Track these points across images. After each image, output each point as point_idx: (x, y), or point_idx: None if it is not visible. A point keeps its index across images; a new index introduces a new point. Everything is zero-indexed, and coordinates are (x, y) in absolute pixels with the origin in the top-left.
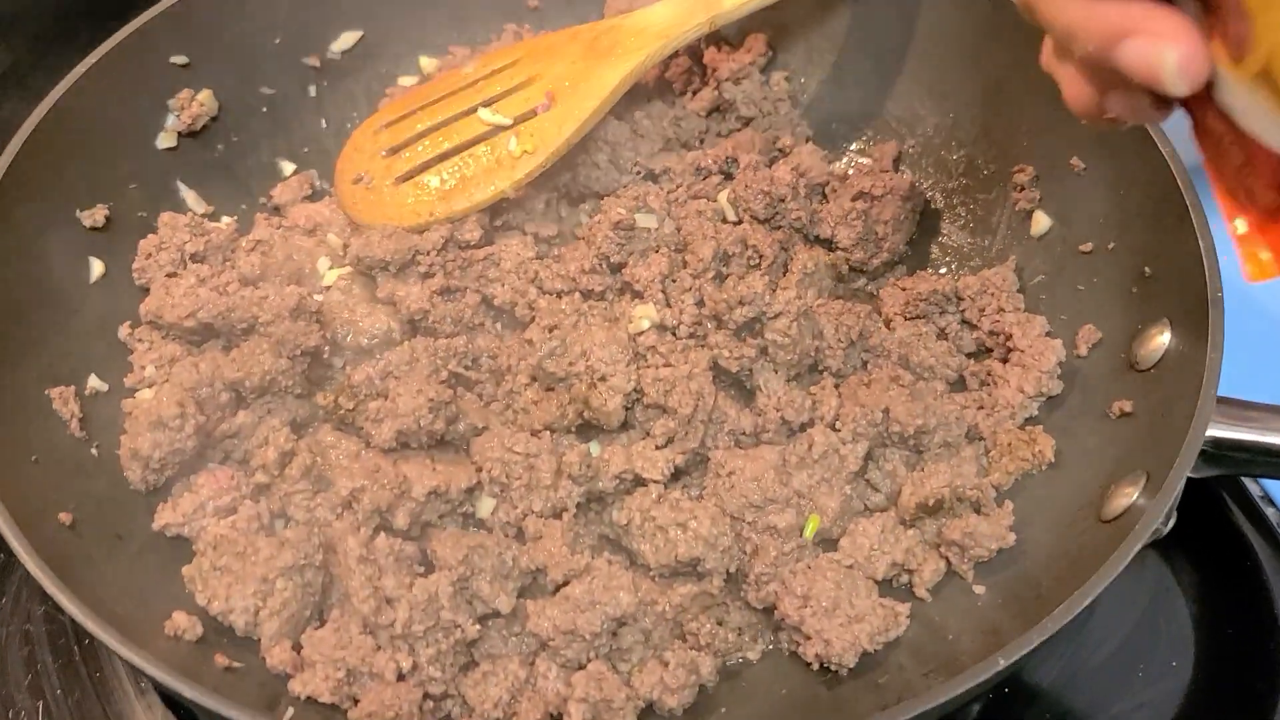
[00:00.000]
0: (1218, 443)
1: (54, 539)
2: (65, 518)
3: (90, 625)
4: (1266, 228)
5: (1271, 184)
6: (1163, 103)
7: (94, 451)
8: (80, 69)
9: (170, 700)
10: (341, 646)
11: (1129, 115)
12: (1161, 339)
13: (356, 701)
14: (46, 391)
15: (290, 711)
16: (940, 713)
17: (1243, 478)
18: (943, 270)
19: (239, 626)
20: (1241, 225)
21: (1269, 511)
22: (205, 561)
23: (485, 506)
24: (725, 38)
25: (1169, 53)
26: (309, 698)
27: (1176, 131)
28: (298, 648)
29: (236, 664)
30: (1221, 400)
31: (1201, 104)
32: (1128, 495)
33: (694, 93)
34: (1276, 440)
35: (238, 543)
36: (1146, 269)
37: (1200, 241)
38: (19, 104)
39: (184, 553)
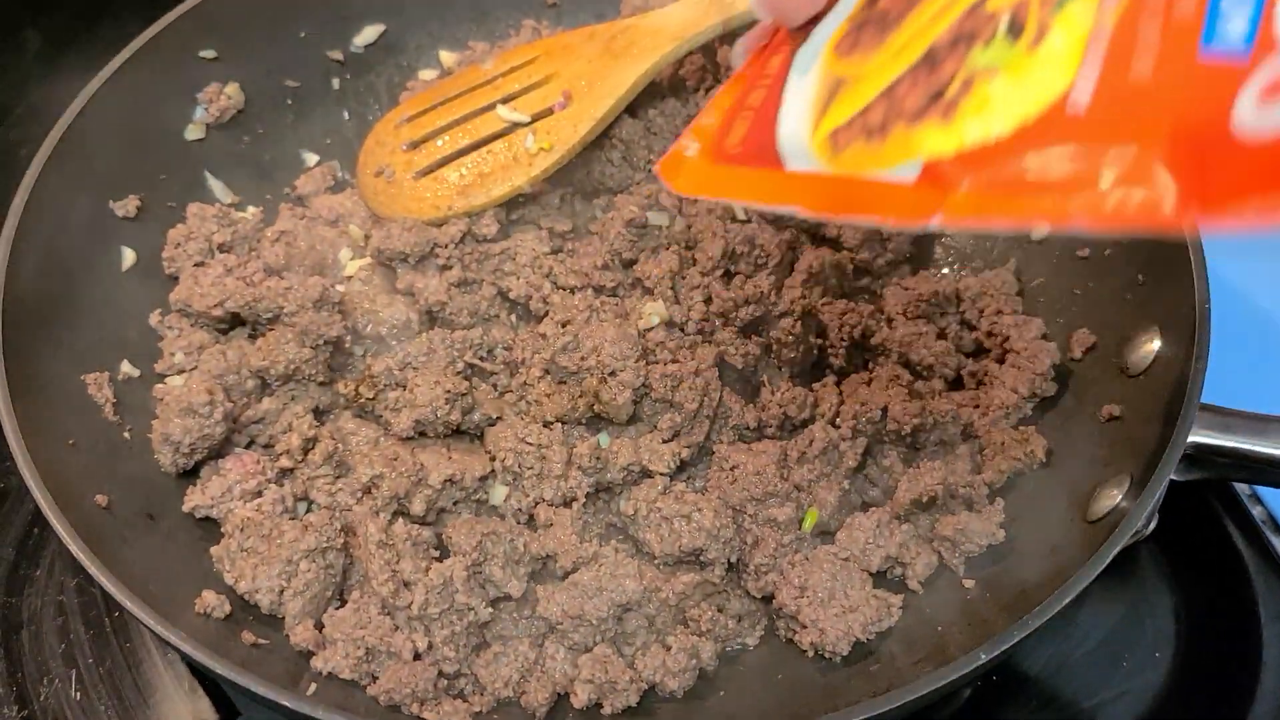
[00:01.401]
0: (1200, 448)
1: (91, 519)
2: (101, 499)
3: (129, 604)
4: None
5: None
6: None
7: (126, 435)
8: (114, 64)
9: (197, 670)
10: (361, 626)
11: None
12: (1151, 345)
13: (375, 678)
14: (81, 377)
15: (313, 687)
16: (928, 701)
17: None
18: (945, 270)
19: (264, 605)
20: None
21: (1255, 511)
22: (233, 543)
23: (498, 494)
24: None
25: None
26: (330, 674)
27: None
28: (320, 626)
29: (262, 641)
30: (1205, 407)
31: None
32: (1112, 497)
33: (707, 91)
34: (1255, 448)
35: (263, 525)
36: (1140, 276)
37: (1192, 252)
38: (50, 88)
39: (212, 533)
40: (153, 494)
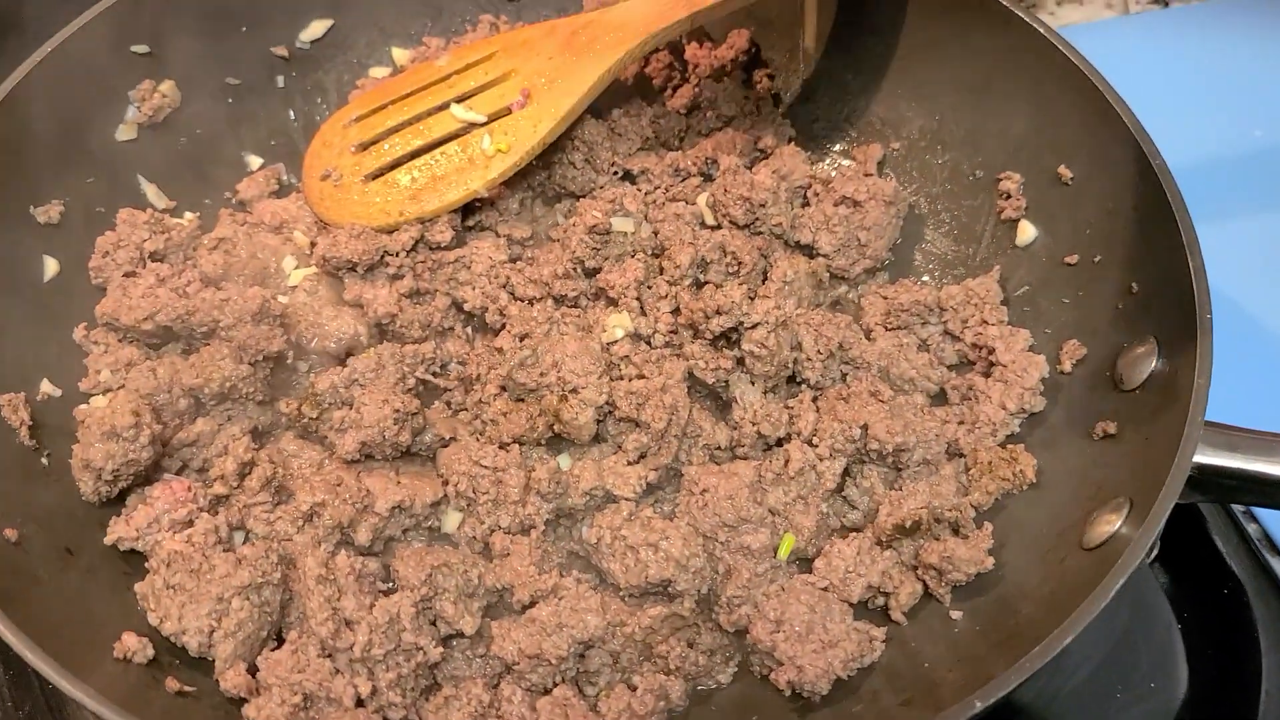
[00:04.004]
0: (1204, 470)
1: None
2: (10, 533)
3: (30, 656)
4: None
5: None
6: None
7: (44, 461)
8: (36, 56)
9: None
10: (299, 670)
11: None
12: (1148, 359)
13: None
14: None
15: None
16: None
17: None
18: (925, 278)
19: (192, 648)
20: None
21: (1250, 528)
22: (159, 579)
23: (451, 521)
24: (707, 33)
25: None
26: None
27: (1167, 143)
28: (253, 671)
29: (189, 688)
30: (1208, 425)
31: None
32: (1110, 523)
33: (674, 89)
34: (1264, 468)
35: (193, 559)
36: (1134, 285)
37: (1190, 259)
38: None
39: (137, 568)
40: (71, 525)
